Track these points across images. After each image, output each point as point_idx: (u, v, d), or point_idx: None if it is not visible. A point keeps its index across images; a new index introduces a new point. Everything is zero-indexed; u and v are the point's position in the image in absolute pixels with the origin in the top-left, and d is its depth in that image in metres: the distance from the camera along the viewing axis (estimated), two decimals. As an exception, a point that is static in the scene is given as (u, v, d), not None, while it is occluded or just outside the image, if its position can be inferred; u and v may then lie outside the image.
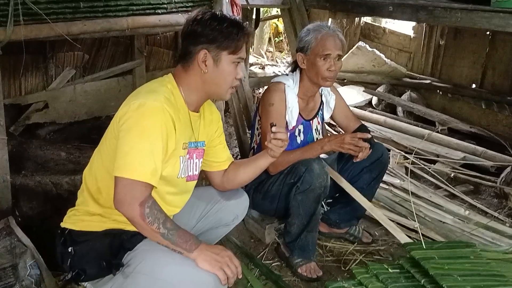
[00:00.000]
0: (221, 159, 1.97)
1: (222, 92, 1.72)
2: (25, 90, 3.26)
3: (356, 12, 3.80)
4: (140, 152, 1.48)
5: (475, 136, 4.28)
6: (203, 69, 1.65)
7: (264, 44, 7.79)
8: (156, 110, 1.53)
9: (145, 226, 1.47)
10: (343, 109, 2.59)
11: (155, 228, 1.47)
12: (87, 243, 1.63)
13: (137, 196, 1.46)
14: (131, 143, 1.49)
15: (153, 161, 1.50)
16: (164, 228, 1.47)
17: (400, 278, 1.79)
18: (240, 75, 1.71)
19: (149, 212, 1.46)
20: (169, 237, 1.48)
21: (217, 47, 1.63)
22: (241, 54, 1.68)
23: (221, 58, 1.64)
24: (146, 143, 1.50)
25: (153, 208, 1.47)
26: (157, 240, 1.50)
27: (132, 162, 1.47)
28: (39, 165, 2.89)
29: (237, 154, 3.48)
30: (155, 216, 1.47)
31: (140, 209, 1.45)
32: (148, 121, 1.52)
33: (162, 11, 2.68)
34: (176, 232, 1.49)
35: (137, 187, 1.47)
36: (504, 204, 3.22)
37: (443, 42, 5.25)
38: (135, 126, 1.51)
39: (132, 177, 1.46)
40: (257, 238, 2.63)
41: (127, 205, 1.46)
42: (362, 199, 2.34)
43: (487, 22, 2.65)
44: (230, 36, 1.63)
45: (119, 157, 1.49)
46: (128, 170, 1.47)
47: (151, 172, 1.49)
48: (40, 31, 2.22)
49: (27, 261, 1.93)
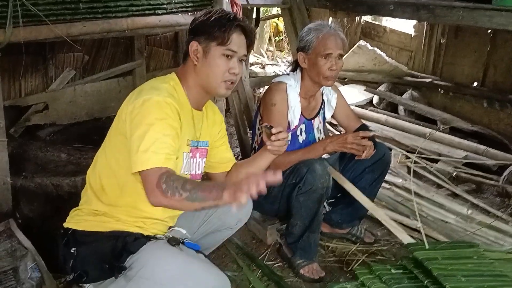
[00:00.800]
0: (224, 160, 1.96)
1: (213, 85, 1.68)
2: (25, 92, 3.26)
3: (357, 11, 3.78)
4: (152, 143, 1.47)
5: (477, 135, 4.25)
6: (194, 60, 1.66)
7: (264, 44, 7.79)
8: (161, 103, 1.53)
9: (172, 202, 1.42)
10: (344, 108, 2.58)
11: (179, 198, 1.40)
12: (90, 245, 1.62)
13: (153, 181, 1.43)
14: (140, 137, 1.48)
15: (166, 146, 1.49)
16: (185, 191, 1.40)
17: (403, 279, 1.78)
18: (235, 70, 1.67)
19: (166, 187, 1.41)
20: (194, 197, 1.40)
21: (206, 38, 1.63)
22: (231, 46, 1.64)
23: (210, 49, 1.64)
24: (157, 133, 1.48)
25: (168, 180, 1.42)
26: (192, 207, 1.47)
27: (145, 154, 1.46)
28: (39, 167, 2.88)
29: (238, 154, 3.47)
30: (173, 187, 1.41)
31: (159, 191, 1.41)
32: (155, 113, 1.51)
33: (162, 11, 2.67)
34: (199, 189, 1.41)
35: (151, 174, 1.44)
36: (507, 203, 3.21)
37: (444, 41, 5.23)
38: (143, 121, 1.50)
39: (147, 167, 1.45)
40: (259, 239, 2.62)
41: (150, 195, 1.44)
42: (364, 199, 2.32)
43: (488, 20, 2.63)
44: (218, 27, 1.62)
45: (133, 153, 1.48)
46: (142, 162, 1.46)
47: (164, 157, 1.47)
48: (40, 32, 2.21)
49: (28, 263, 1.92)
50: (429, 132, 4.16)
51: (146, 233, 1.66)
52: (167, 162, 1.47)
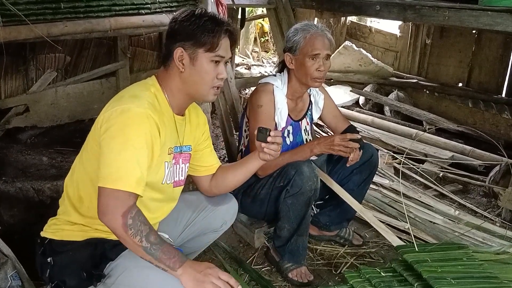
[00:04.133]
0: (209, 163, 1.91)
1: (202, 93, 1.64)
2: (5, 94, 3.18)
3: (343, 11, 3.77)
4: (125, 161, 1.42)
5: (463, 135, 4.29)
6: (180, 68, 1.59)
7: (249, 44, 7.77)
8: (140, 117, 1.47)
9: (127, 238, 1.41)
10: (332, 109, 2.56)
11: (137, 241, 1.40)
12: (67, 253, 1.57)
13: (120, 206, 1.40)
14: (115, 151, 1.43)
15: (139, 169, 1.44)
16: (147, 242, 1.41)
17: (392, 281, 1.76)
18: (223, 75, 1.63)
19: (132, 224, 1.40)
20: (151, 252, 1.41)
21: (193, 44, 1.57)
22: (220, 52, 1.59)
23: (197, 56, 1.58)
24: (131, 152, 1.43)
25: (136, 219, 1.41)
26: (139, 254, 1.43)
27: (116, 171, 1.41)
28: (20, 171, 2.81)
29: (224, 156, 3.44)
30: (137, 228, 1.40)
31: (122, 220, 1.39)
32: (132, 128, 1.45)
33: (146, 11, 2.63)
34: (160, 247, 1.42)
35: (121, 197, 1.41)
36: (494, 203, 3.22)
37: (429, 41, 5.27)
38: (119, 134, 1.44)
39: (116, 187, 1.40)
40: (246, 242, 2.59)
41: (110, 215, 1.40)
42: (353, 201, 2.31)
43: (475, 20, 2.63)
44: (206, 33, 1.56)
45: (103, 167, 1.43)
46: (112, 180, 1.41)
47: (136, 181, 1.43)
48: (19, 32, 2.15)
49: (8, 271, 1.86)
50: (415, 133, 4.18)
51: None
52: (137, 188, 1.44)
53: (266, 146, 1.73)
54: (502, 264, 1.94)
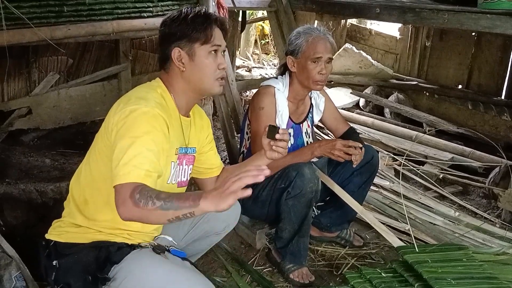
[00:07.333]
0: (213, 165, 1.93)
1: (208, 87, 1.65)
2: (8, 96, 3.20)
3: (343, 14, 3.78)
4: (134, 156, 1.39)
5: (462, 137, 4.30)
6: (180, 67, 1.61)
7: (250, 47, 7.77)
8: (148, 115, 1.47)
9: (144, 212, 1.32)
10: (332, 111, 2.58)
11: (152, 207, 1.31)
12: (73, 256, 1.57)
13: (126, 193, 1.34)
14: (124, 149, 1.41)
15: (148, 162, 1.41)
16: (159, 200, 1.31)
17: (393, 282, 1.77)
18: (224, 65, 1.64)
19: (140, 197, 1.32)
20: (168, 206, 1.31)
21: (188, 41, 1.59)
22: (216, 41, 1.61)
23: (195, 51, 1.59)
24: (141, 147, 1.41)
25: (142, 191, 1.33)
26: (163, 219, 1.34)
27: (126, 168, 1.38)
28: (23, 173, 2.83)
29: (226, 158, 3.45)
30: (146, 196, 1.32)
31: (131, 201, 1.32)
32: (141, 126, 1.45)
33: (148, 14, 2.65)
34: (173, 197, 1.33)
35: (127, 186, 1.35)
36: (494, 205, 3.24)
37: (429, 43, 5.29)
38: (128, 133, 1.44)
39: (125, 181, 1.36)
40: (247, 243, 2.60)
41: (121, 206, 1.34)
42: (353, 202, 2.32)
43: (474, 23, 2.65)
44: (197, 27, 1.58)
45: (114, 166, 1.41)
46: (122, 176, 1.37)
47: (144, 173, 1.39)
48: (23, 35, 2.17)
49: (12, 272, 1.87)
50: (415, 135, 4.19)
51: (131, 242, 1.62)
52: (146, 178, 1.39)
53: (275, 144, 1.74)
54: (502, 264, 1.95)
